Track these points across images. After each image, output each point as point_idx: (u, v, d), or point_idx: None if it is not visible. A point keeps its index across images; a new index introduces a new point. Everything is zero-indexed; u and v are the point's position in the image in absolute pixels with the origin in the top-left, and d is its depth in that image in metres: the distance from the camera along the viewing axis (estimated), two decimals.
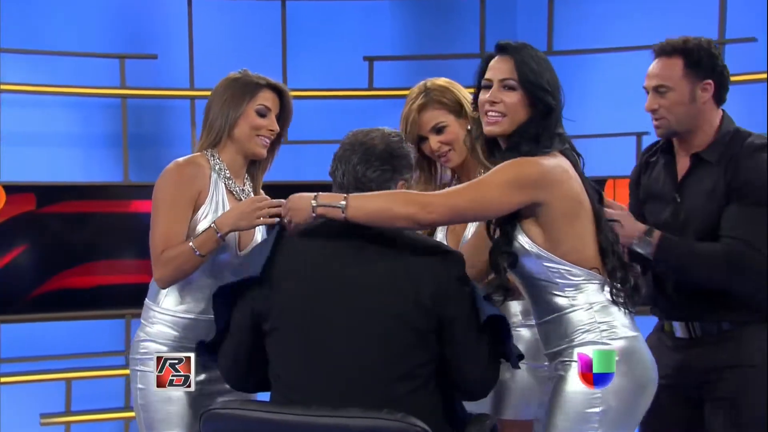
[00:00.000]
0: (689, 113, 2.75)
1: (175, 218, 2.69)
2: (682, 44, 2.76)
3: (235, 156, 2.84)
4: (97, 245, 5.05)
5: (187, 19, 5.24)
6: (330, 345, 2.25)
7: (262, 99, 2.82)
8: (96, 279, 5.05)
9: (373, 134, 2.40)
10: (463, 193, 2.31)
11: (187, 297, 2.78)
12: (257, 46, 5.40)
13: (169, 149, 5.35)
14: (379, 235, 2.32)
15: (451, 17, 5.72)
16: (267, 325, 2.33)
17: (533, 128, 2.42)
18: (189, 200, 2.72)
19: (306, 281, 2.30)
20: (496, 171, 2.34)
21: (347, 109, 5.31)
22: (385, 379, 2.23)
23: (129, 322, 5.13)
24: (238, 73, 2.85)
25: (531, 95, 2.42)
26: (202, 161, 2.80)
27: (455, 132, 2.85)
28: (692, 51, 2.74)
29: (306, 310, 2.28)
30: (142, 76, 5.25)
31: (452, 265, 2.31)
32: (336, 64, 5.49)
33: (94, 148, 5.35)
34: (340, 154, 2.42)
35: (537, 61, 2.45)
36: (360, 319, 2.24)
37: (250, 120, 2.80)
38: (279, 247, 2.37)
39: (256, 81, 2.82)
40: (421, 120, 2.82)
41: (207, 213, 2.75)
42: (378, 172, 2.36)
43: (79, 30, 5.26)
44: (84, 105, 5.27)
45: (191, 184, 2.73)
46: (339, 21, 5.59)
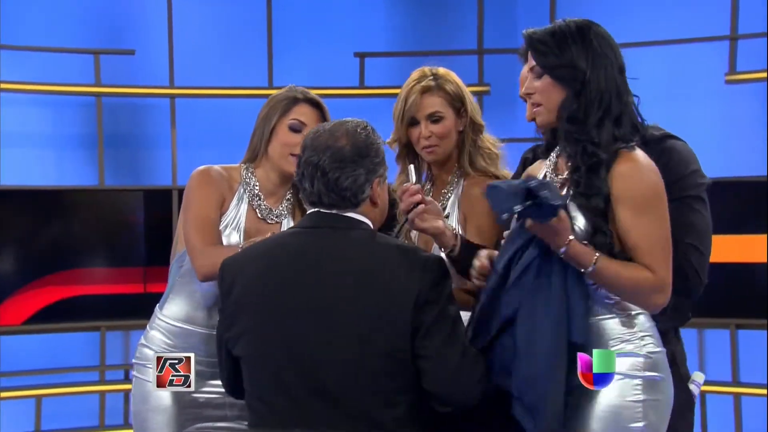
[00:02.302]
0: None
1: (207, 212, 2.75)
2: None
3: (269, 173, 2.83)
4: (70, 253, 5.03)
5: (167, 12, 5.20)
6: (302, 372, 2.21)
7: (297, 114, 2.80)
8: (69, 289, 5.01)
9: (337, 133, 2.29)
10: (665, 244, 2.31)
11: (190, 306, 2.79)
12: (242, 41, 5.39)
13: (147, 151, 5.34)
14: (342, 248, 2.26)
15: (447, 11, 5.68)
16: (235, 351, 2.30)
17: (576, 111, 2.34)
18: (217, 200, 2.77)
19: (270, 305, 2.25)
20: (646, 198, 2.30)
21: (337, 108, 5.06)
22: (362, 406, 2.19)
23: (104, 335, 5.07)
24: (286, 88, 2.88)
25: (556, 76, 2.36)
26: (232, 172, 2.84)
27: (449, 127, 2.83)
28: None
29: (273, 335, 2.23)
30: (119, 72, 5.23)
31: (427, 274, 2.23)
32: (325, 60, 5.44)
33: (67, 150, 5.30)
34: (304, 160, 2.32)
35: (561, 37, 2.35)
36: (330, 345, 2.19)
37: (282, 136, 2.79)
38: (243, 264, 2.32)
39: (292, 95, 2.82)
40: (422, 102, 2.81)
41: (225, 225, 2.78)
42: (351, 178, 2.27)
43: (50, 23, 5.21)
44: (56, 103, 5.24)
45: (216, 186, 2.78)
46: (328, 15, 5.56)
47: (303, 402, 2.19)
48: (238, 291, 2.28)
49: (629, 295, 2.28)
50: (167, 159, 5.30)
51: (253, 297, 2.26)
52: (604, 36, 2.37)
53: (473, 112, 2.82)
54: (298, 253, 2.27)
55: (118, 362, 5.15)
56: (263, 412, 2.24)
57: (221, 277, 2.32)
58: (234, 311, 2.28)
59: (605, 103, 2.34)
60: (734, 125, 5.07)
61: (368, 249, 2.26)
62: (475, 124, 2.82)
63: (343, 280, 2.21)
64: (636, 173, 2.30)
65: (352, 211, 2.28)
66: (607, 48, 2.36)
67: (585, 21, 2.37)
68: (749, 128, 5.04)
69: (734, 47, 4.88)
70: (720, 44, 4.94)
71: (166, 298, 2.83)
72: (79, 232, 5.03)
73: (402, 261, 2.23)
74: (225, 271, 2.32)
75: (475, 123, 2.81)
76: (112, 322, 4.95)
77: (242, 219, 2.78)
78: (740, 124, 5.07)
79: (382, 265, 2.22)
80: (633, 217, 2.28)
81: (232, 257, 2.38)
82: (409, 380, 2.22)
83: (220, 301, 2.33)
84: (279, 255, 2.29)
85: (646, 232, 2.28)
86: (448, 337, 2.22)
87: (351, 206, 2.27)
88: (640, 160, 2.31)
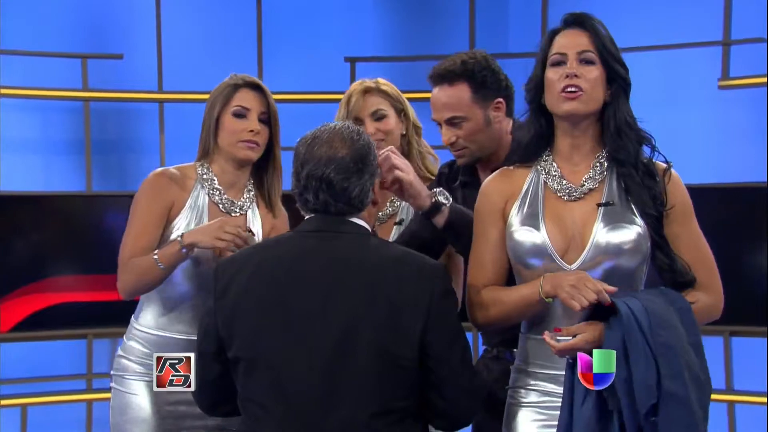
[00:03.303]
0: (489, 137, 2.71)
1: (144, 227, 2.76)
2: (462, 67, 2.68)
3: (225, 165, 2.83)
4: (58, 259, 5.02)
5: (155, 15, 5.20)
6: (301, 378, 2.20)
7: (239, 100, 2.80)
8: (56, 296, 4.99)
9: (334, 143, 2.28)
10: (708, 248, 2.34)
11: (165, 314, 2.80)
12: (231, 46, 5.38)
13: (135, 156, 5.32)
14: (352, 253, 2.26)
15: (438, 16, 5.67)
16: (230, 353, 2.27)
17: (620, 111, 2.31)
18: (161, 210, 2.77)
19: (272, 307, 2.24)
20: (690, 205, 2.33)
21: (327, 113, 5.10)
22: (359, 411, 2.18)
23: (91, 343, 5.04)
24: (228, 77, 2.88)
25: (610, 70, 2.31)
26: (186, 171, 2.83)
27: (393, 124, 2.91)
28: (475, 73, 2.68)
29: (271, 340, 2.23)
30: (106, 77, 5.21)
31: (436, 281, 2.24)
32: (315, 65, 5.44)
33: (54, 155, 5.28)
34: (306, 174, 2.29)
35: (609, 34, 2.34)
36: (331, 351, 2.19)
37: (228, 125, 2.80)
38: (241, 265, 2.31)
39: (232, 82, 2.83)
40: (365, 102, 2.90)
41: (180, 226, 2.78)
42: (358, 187, 2.27)
43: (36, 27, 5.19)
44: (43, 108, 5.22)
45: (163, 193, 2.78)
46: (319, 19, 5.55)
47: (299, 406, 2.19)
48: (235, 292, 2.26)
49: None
50: (155, 164, 5.24)
51: (253, 298, 2.25)
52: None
53: (413, 116, 2.92)
54: (303, 256, 2.26)
55: (105, 370, 5.10)
56: (258, 415, 2.23)
57: (215, 277, 2.30)
58: (231, 312, 2.25)
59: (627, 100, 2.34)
60: (727, 131, 5.07)
61: (376, 255, 2.26)
62: (417, 127, 2.92)
63: (350, 285, 2.21)
64: (681, 183, 2.32)
65: (356, 216, 2.29)
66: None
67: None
68: (742, 134, 5.04)
69: (727, 53, 4.88)
70: (713, 50, 4.94)
71: (140, 308, 2.84)
72: (66, 239, 5.01)
73: (411, 268, 2.23)
74: (220, 272, 2.30)
75: (416, 126, 2.92)
76: (100, 330, 4.94)
77: (204, 215, 2.79)
78: (733, 129, 5.07)
79: (392, 272, 2.22)
80: (683, 227, 2.29)
81: (228, 258, 2.38)
82: (409, 388, 2.22)
83: (212, 302, 2.30)
84: (281, 257, 2.28)
85: (697, 245, 2.30)
86: (462, 355, 2.24)
87: (357, 211, 2.28)
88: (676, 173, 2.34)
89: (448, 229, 2.51)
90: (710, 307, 2.29)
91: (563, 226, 2.28)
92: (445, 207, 2.50)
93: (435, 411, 2.27)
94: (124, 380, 2.78)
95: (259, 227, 2.84)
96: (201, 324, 2.36)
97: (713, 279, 2.30)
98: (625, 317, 2.10)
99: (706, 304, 2.28)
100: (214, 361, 2.31)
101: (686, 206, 2.31)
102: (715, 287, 2.30)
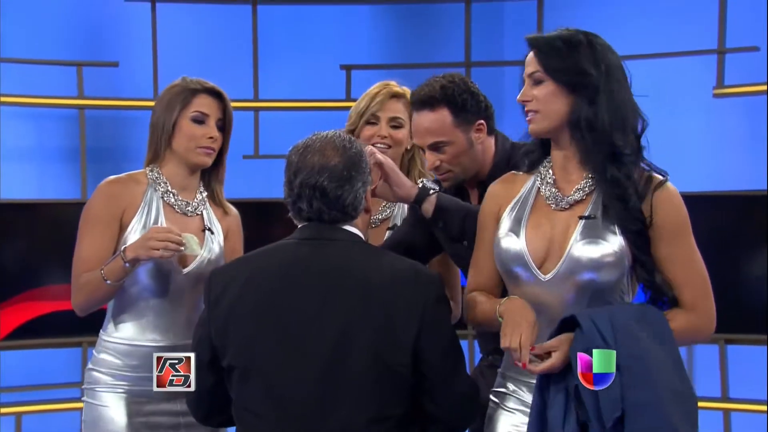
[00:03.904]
0: (472, 159, 2.73)
1: (93, 240, 2.74)
2: (442, 92, 2.69)
3: (177, 168, 2.81)
4: (52, 267, 4.98)
5: (151, 23, 5.18)
6: (296, 385, 2.21)
7: (198, 105, 2.79)
8: (51, 304, 4.96)
9: (326, 151, 2.29)
10: (701, 268, 2.28)
11: (132, 323, 2.78)
12: (227, 54, 5.36)
13: (130, 164, 5.22)
14: (346, 261, 2.27)
15: (434, 24, 5.67)
16: (224, 361, 2.28)
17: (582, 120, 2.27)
18: (111, 220, 2.74)
19: (268, 314, 2.24)
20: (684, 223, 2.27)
21: (323, 121, 5.12)
22: (355, 419, 2.19)
23: (86, 351, 5.03)
24: (178, 80, 2.84)
25: (565, 82, 2.28)
26: (137, 177, 2.82)
27: (404, 136, 2.95)
28: (455, 97, 2.69)
29: (266, 348, 2.23)
30: (102, 85, 5.21)
31: (430, 288, 2.25)
32: (311, 72, 5.43)
33: (49, 163, 5.27)
34: (299, 182, 2.30)
35: (568, 41, 2.28)
36: (327, 357, 2.20)
37: (186, 130, 2.77)
38: (235, 273, 2.31)
39: (191, 87, 2.80)
40: (389, 105, 2.92)
41: (137, 230, 2.75)
42: (352, 194, 2.29)
43: (31, 34, 5.18)
44: (38, 116, 5.21)
45: (113, 202, 2.75)
46: (315, 27, 5.54)
47: (295, 413, 2.19)
48: (229, 300, 2.26)
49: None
50: None
51: (247, 306, 2.25)
52: (611, 49, 2.30)
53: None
54: (297, 263, 2.26)
55: None
56: (253, 423, 2.24)
57: (209, 286, 2.31)
58: (225, 321, 2.26)
59: (621, 114, 2.26)
60: (722, 139, 5.08)
61: (370, 262, 2.27)
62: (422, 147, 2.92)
63: (344, 292, 2.22)
64: (673, 198, 2.24)
65: (350, 223, 2.30)
66: (616, 60, 2.29)
67: (590, 32, 2.31)
68: (738, 142, 5.04)
69: (722, 61, 4.89)
70: (708, 58, 4.95)
71: (108, 320, 2.81)
72: (60, 246, 4.89)
73: (405, 276, 2.25)
74: (213, 281, 2.31)
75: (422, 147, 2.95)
76: (94, 338, 4.87)
77: (161, 217, 2.77)
78: (728, 137, 5.07)
79: (387, 279, 2.23)
80: (673, 247, 2.22)
81: (221, 267, 2.38)
82: (405, 394, 2.23)
83: (205, 312, 2.30)
84: (275, 265, 2.28)
85: (689, 264, 2.23)
86: (455, 361, 2.26)
87: (350, 219, 2.30)
88: (673, 189, 2.25)
89: (437, 217, 2.51)
90: (691, 329, 2.23)
91: (544, 234, 2.28)
92: (433, 193, 2.51)
93: (430, 417, 2.28)
94: (95, 393, 2.75)
95: (218, 227, 2.85)
96: (194, 334, 2.37)
97: (702, 300, 2.24)
98: (586, 331, 2.10)
99: (683, 325, 2.21)
100: (209, 371, 2.31)
101: (677, 225, 2.24)
102: (703, 308, 2.24)
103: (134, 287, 2.73)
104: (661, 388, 2.08)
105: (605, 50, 2.28)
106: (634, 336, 2.11)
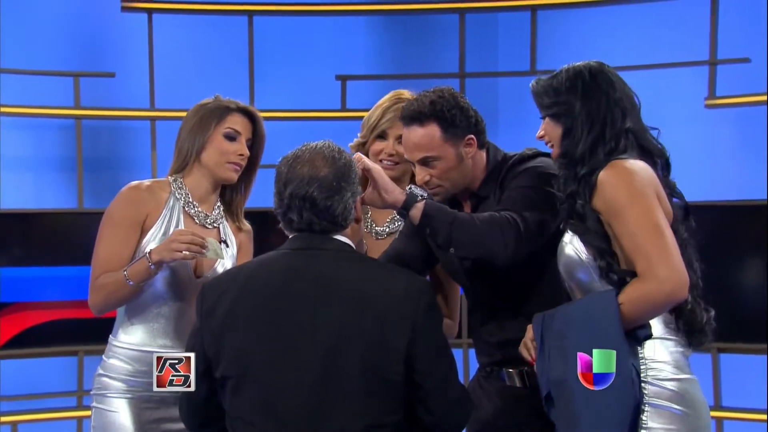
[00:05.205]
0: (462, 174, 2.72)
1: (114, 242, 2.76)
2: (432, 107, 2.68)
3: (201, 181, 2.86)
4: (49, 276, 4.99)
5: (147, 34, 5.18)
6: (290, 395, 2.21)
7: (231, 123, 2.85)
8: (47, 313, 4.98)
9: (316, 162, 2.31)
10: (650, 234, 2.26)
11: (142, 328, 2.80)
12: (222, 64, 5.38)
13: (127, 174, 5.25)
14: (338, 270, 2.28)
15: (428, 35, 5.68)
16: (218, 372, 2.28)
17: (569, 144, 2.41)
18: (133, 224, 2.77)
19: (261, 325, 2.25)
20: (621, 198, 2.29)
21: (319, 131, 5.08)
22: (350, 429, 2.20)
23: (82, 360, 5.02)
24: (210, 98, 2.90)
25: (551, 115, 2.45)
26: (160, 185, 2.86)
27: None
28: (444, 112, 2.68)
29: (260, 357, 2.24)
30: (99, 95, 5.21)
31: (421, 296, 2.27)
32: (307, 83, 5.44)
33: (46, 173, 5.27)
34: (289, 193, 2.32)
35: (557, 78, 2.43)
36: (320, 366, 2.20)
37: (218, 144, 2.83)
38: (228, 284, 2.32)
39: (226, 105, 2.86)
40: (398, 123, 2.84)
41: (156, 237, 2.78)
42: (341, 205, 2.30)
43: (29, 45, 5.18)
44: (35, 126, 5.20)
45: (137, 207, 2.79)
46: (310, 38, 5.56)
47: (289, 422, 2.20)
48: (222, 311, 2.27)
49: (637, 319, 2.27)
50: None
51: (240, 316, 2.26)
52: (603, 71, 2.40)
53: None
54: (289, 274, 2.27)
55: None
56: None
57: (202, 297, 2.32)
58: (218, 331, 2.26)
59: (595, 132, 2.36)
60: (714, 150, 5.10)
61: (362, 272, 2.28)
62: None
63: (336, 301, 2.23)
64: (611, 177, 2.29)
65: (340, 233, 2.31)
66: (604, 82, 2.38)
67: (588, 62, 2.42)
68: (730, 152, 5.06)
69: (714, 72, 4.91)
70: (699, 69, 4.98)
71: (119, 325, 2.82)
72: (57, 255, 4.98)
73: (396, 283, 2.26)
74: (207, 292, 2.32)
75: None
76: (91, 347, 4.91)
77: (181, 226, 2.80)
78: (720, 148, 5.10)
79: (378, 288, 2.25)
80: (617, 226, 2.27)
81: (214, 279, 2.39)
82: (398, 402, 2.24)
83: (197, 322, 2.31)
84: (267, 276, 2.29)
85: (631, 236, 2.25)
86: (448, 369, 2.28)
87: (341, 228, 2.31)
88: (619, 165, 2.31)
89: (424, 223, 2.50)
90: (642, 296, 2.22)
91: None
92: (420, 200, 2.52)
93: (423, 425, 2.28)
94: (105, 398, 2.75)
95: (233, 240, 2.88)
96: (187, 345, 2.37)
97: (652, 266, 2.22)
98: (538, 320, 2.33)
99: (631, 295, 2.22)
100: (202, 381, 2.31)
101: (614, 202, 2.28)
102: (649, 273, 2.21)
103: (146, 293, 2.74)
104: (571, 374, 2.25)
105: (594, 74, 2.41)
106: (570, 323, 2.27)
